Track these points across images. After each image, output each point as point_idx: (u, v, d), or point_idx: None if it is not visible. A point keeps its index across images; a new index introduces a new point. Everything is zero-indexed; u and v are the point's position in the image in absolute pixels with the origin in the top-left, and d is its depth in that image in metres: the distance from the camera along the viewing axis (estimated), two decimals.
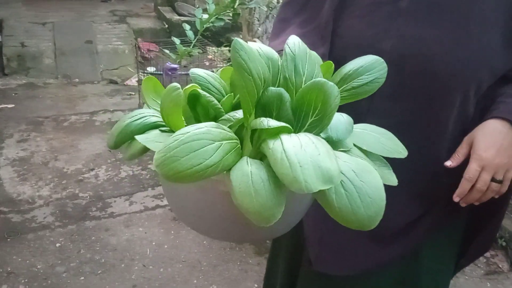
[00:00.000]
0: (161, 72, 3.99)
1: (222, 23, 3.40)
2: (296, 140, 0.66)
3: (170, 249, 3.06)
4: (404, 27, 1.20)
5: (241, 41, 0.71)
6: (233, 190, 0.64)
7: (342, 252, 1.37)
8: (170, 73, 3.86)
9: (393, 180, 0.84)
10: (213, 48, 5.26)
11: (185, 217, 0.86)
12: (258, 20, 5.52)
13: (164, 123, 0.81)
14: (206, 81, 0.87)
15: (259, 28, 5.46)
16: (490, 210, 1.30)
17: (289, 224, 0.84)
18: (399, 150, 0.89)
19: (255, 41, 4.70)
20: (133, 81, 5.81)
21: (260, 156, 0.75)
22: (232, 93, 0.87)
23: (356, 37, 1.26)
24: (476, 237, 1.45)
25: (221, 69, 0.96)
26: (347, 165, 0.68)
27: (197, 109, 0.84)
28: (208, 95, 0.82)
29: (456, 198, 1.23)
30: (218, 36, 6.82)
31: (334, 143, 0.77)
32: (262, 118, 0.70)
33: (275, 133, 0.69)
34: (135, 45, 4.86)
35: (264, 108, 0.75)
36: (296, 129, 0.75)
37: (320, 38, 1.30)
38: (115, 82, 6.01)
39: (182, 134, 0.65)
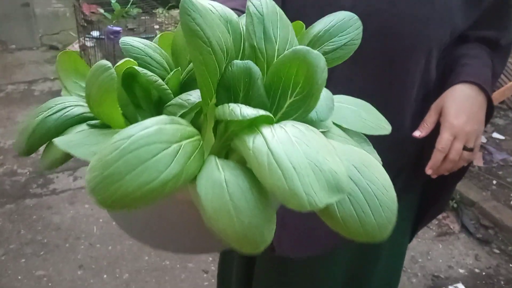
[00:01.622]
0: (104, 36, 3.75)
1: None
2: (283, 133, 0.48)
3: None
4: None
5: None
6: (204, 208, 0.47)
7: (305, 234, 1.27)
8: (112, 36, 3.62)
9: (376, 158, 0.70)
10: (160, 9, 4.97)
11: (135, 232, 0.68)
12: None
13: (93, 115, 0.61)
14: (143, 53, 0.67)
15: None
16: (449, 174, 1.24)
17: None
18: (383, 125, 0.76)
19: None
20: (75, 47, 5.41)
21: (226, 150, 0.59)
22: (179, 68, 0.68)
23: None
24: (434, 202, 1.43)
25: (158, 36, 0.77)
26: (347, 159, 0.52)
27: (135, 90, 0.65)
28: (149, 73, 0.62)
29: (428, 171, 1.17)
30: None
31: (313, 124, 0.61)
32: (232, 105, 0.52)
33: (252, 124, 0.52)
34: (76, 7, 4.56)
35: (228, 88, 0.57)
36: (272, 112, 0.58)
37: None
38: (56, 48, 5.65)
39: (123, 139, 0.45)
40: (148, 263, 2.65)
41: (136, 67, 0.61)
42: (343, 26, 0.75)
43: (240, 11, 1.08)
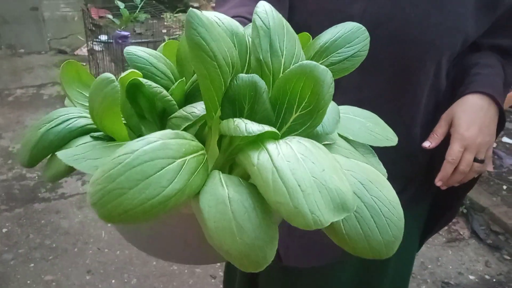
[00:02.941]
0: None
1: None
2: (289, 150, 0.48)
3: None
4: None
5: (198, 12, 0.52)
6: (207, 225, 0.46)
7: (312, 244, 1.26)
8: (120, 41, 3.62)
9: (382, 171, 0.69)
10: (168, 13, 4.98)
11: (139, 243, 0.68)
12: None
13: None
14: (147, 63, 0.66)
15: None
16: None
17: None
18: (389, 136, 0.75)
19: (213, 7, 4.44)
20: (83, 51, 5.44)
21: (230, 163, 0.58)
22: (184, 78, 0.68)
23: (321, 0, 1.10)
24: (444, 211, 1.41)
25: (163, 44, 0.76)
26: (353, 175, 0.51)
27: (140, 101, 0.65)
28: (153, 84, 0.62)
29: (438, 183, 1.15)
30: (175, 1, 6.44)
31: (319, 137, 0.61)
32: (237, 121, 0.52)
33: (257, 139, 0.51)
34: (84, 11, 4.57)
35: (233, 102, 0.57)
36: (277, 126, 0.58)
37: (277, 0, 1.12)
38: (64, 52, 5.67)
39: (127, 154, 0.45)
40: (156, 268, 2.64)
41: (141, 79, 0.61)
42: (350, 37, 0.74)
43: (246, 19, 1.07)
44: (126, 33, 3.62)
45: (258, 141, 0.51)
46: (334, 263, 1.30)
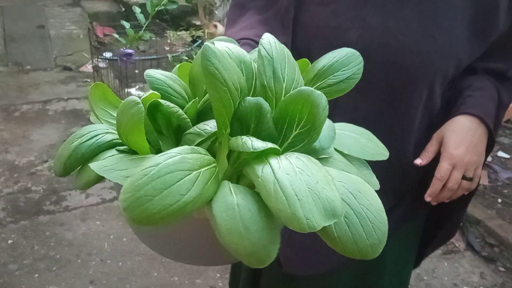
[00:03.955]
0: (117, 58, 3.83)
1: (175, 6, 3.26)
2: (288, 164, 0.56)
3: (129, 242, 2.94)
4: (370, 16, 1.13)
5: (212, 46, 0.61)
6: (218, 227, 0.54)
7: (311, 253, 1.31)
8: (125, 59, 3.71)
9: (374, 183, 0.77)
10: (171, 32, 5.08)
11: (156, 246, 0.76)
12: (215, 3, 5.37)
13: (121, 141, 0.70)
14: (164, 84, 0.75)
15: (216, 12, 5.31)
16: (453, 201, 1.27)
17: None
18: (381, 151, 0.83)
19: (215, 25, 4.55)
20: (88, 68, 5.53)
21: (238, 174, 0.66)
22: (197, 98, 0.77)
23: (320, 26, 1.18)
24: (441, 227, 1.45)
25: (177, 66, 0.85)
26: (344, 186, 0.60)
27: (158, 118, 0.74)
28: (171, 104, 0.71)
29: (427, 198, 1.21)
30: (178, 19, 6.57)
31: (316, 152, 0.69)
32: (244, 138, 0.60)
33: (261, 154, 0.60)
34: (89, 30, 4.66)
35: (241, 121, 0.65)
36: (279, 143, 0.66)
37: (281, 25, 1.20)
38: (70, 69, 5.73)
39: (152, 166, 0.54)
40: (157, 279, 2.70)
41: (160, 100, 0.70)
42: (345, 61, 0.81)
43: (253, 41, 1.14)
44: (130, 51, 3.70)
45: (262, 156, 0.59)
46: (332, 272, 1.36)
